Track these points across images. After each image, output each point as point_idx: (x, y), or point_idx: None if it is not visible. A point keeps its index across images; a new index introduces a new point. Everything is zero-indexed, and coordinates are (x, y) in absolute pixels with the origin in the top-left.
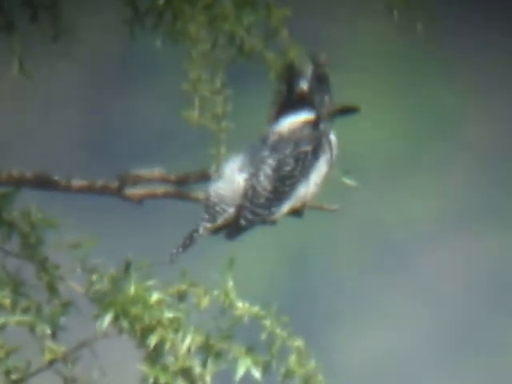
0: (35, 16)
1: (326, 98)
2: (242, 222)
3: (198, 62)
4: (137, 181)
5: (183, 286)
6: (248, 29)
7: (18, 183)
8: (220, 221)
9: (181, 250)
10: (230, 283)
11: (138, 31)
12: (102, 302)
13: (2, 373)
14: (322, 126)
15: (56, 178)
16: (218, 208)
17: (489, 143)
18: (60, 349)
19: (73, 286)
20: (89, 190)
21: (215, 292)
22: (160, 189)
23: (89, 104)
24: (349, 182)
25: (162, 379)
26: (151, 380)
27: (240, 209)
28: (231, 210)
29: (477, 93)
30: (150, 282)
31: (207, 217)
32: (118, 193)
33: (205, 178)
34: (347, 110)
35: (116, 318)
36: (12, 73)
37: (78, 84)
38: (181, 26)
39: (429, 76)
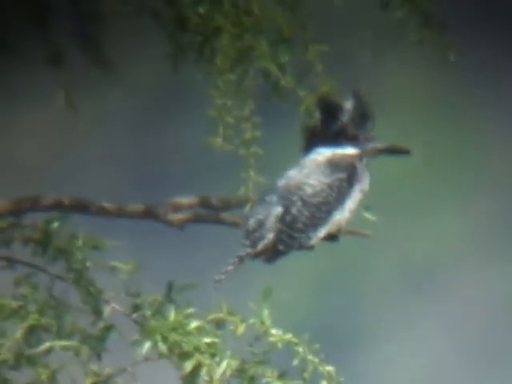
0: (83, 48)
1: (371, 135)
2: (281, 247)
3: (224, 91)
4: (178, 207)
5: (221, 314)
6: (282, 67)
7: (59, 209)
8: (260, 246)
9: (223, 277)
10: (266, 312)
11: (180, 64)
12: (144, 326)
13: None
14: (362, 160)
15: (99, 203)
16: (258, 234)
17: None
18: (102, 372)
19: (117, 309)
20: (132, 215)
21: (251, 320)
22: (200, 214)
23: (130, 132)
24: (369, 216)
25: None
26: None
27: (279, 234)
28: (270, 236)
29: (503, 127)
30: (190, 310)
31: (248, 243)
32: (160, 218)
33: (243, 204)
34: (396, 151)
35: (156, 344)
36: (58, 103)
37: (120, 113)
38: (218, 61)
39: (455, 110)
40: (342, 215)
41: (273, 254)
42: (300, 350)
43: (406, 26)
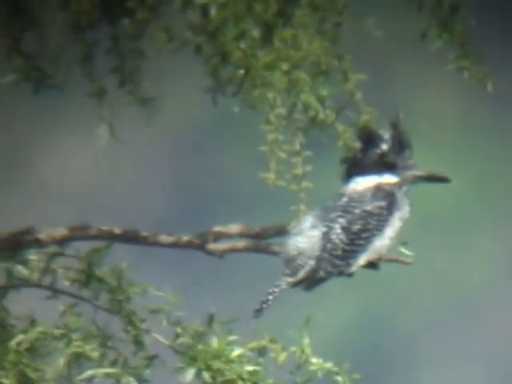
0: (123, 82)
1: (410, 163)
2: (321, 273)
3: (275, 125)
4: (218, 236)
5: (263, 342)
6: (322, 99)
7: (108, 238)
8: (301, 274)
9: (265, 306)
10: (306, 340)
11: (219, 98)
12: (186, 354)
13: None
14: (402, 188)
15: (144, 233)
16: (298, 261)
17: None
18: None
19: (158, 338)
20: (175, 246)
21: (292, 348)
22: (240, 243)
23: (172, 165)
24: (405, 252)
25: None
26: None
27: (319, 261)
28: (311, 263)
29: None
30: (232, 337)
31: (288, 271)
32: (201, 248)
33: (282, 232)
34: (436, 179)
35: (199, 372)
36: (101, 137)
37: (160, 148)
38: (259, 93)
39: (489, 139)
40: (381, 242)
41: (312, 281)
42: (340, 379)
43: (444, 56)
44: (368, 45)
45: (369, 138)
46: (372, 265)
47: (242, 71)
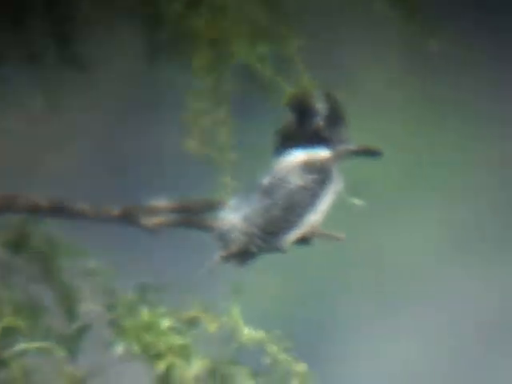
0: (57, 47)
1: (344, 137)
2: (253, 249)
3: (204, 95)
4: (149, 211)
5: (193, 313)
6: (261, 59)
7: (34, 210)
8: (233, 249)
9: (198, 279)
10: (237, 310)
11: (155, 62)
12: (117, 327)
13: None
14: (336, 162)
15: (70, 205)
16: (230, 236)
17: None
18: (76, 373)
19: (91, 310)
20: (104, 219)
21: (223, 318)
22: (173, 218)
23: (102, 134)
24: (357, 201)
25: None
26: None
27: (251, 237)
28: (243, 238)
29: (482, 129)
30: (163, 309)
31: (221, 245)
32: (133, 222)
33: (213, 207)
34: (369, 153)
35: (129, 344)
36: (32, 102)
37: (91, 112)
38: (193, 61)
39: (432, 113)
40: (314, 218)
41: (244, 256)
42: (271, 348)
43: (388, 19)
44: (308, 13)
45: (303, 111)
46: (305, 240)
47: (176, 36)
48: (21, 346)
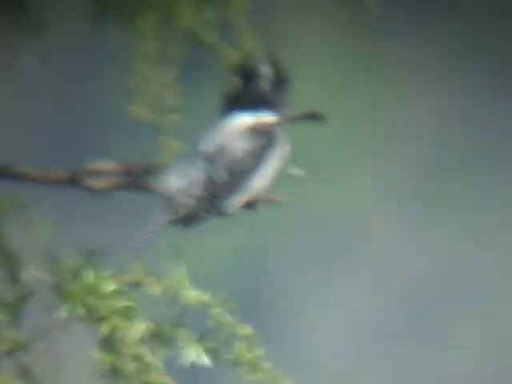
0: (2, 7)
1: (287, 101)
2: (200, 213)
3: (150, 59)
4: (93, 172)
5: (137, 275)
6: (206, 24)
7: None
8: (181, 213)
9: (144, 242)
10: (181, 273)
11: (100, 24)
12: (61, 290)
13: None
14: (282, 126)
15: (14, 167)
16: (179, 200)
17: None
18: (19, 338)
19: (35, 274)
20: (48, 181)
21: (167, 280)
22: (118, 180)
23: (49, 96)
24: (296, 172)
25: (116, 365)
26: (106, 366)
27: (197, 200)
28: (190, 202)
29: (423, 87)
30: (107, 272)
31: (169, 209)
32: (76, 184)
33: (156, 170)
34: (312, 117)
35: (74, 308)
36: None
37: (39, 75)
38: (138, 24)
39: (371, 75)
40: (261, 182)
41: (191, 220)
42: (216, 311)
43: None
44: None
45: (248, 74)
46: (250, 205)
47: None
48: None
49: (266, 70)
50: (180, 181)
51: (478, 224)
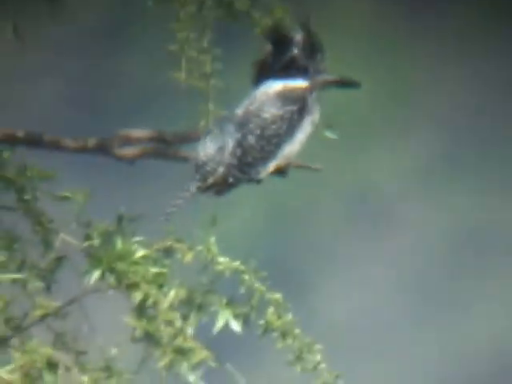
0: None
1: (321, 67)
2: (231, 179)
3: (186, 23)
4: (125, 140)
5: (168, 242)
6: None
7: (10, 142)
8: (210, 180)
9: (174, 209)
10: (212, 239)
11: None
12: (92, 256)
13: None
14: (313, 92)
15: (47, 137)
16: (208, 167)
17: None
18: (51, 304)
19: (68, 240)
20: (80, 150)
21: (198, 247)
22: (149, 148)
23: (82, 63)
24: (331, 135)
25: (149, 331)
26: (138, 332)
27: (228, 167)
28: (221, 169)
29: (443, 62)
30: (137, 238)
31: (198, 176)
32: (109, 152)
33: (191, 138)
34: (347, 84)
35: (103, 274)
36: (3, 35)
37: (67, 44)
38: None
39: (406, 37)
40: (291, 148)
41: (222, 187)
42: (246, 277)
43: None
44: None
45: (280, 41)
46: (280, 171)
47: None
48: None
49: (298, 36)
50: (209, 147)
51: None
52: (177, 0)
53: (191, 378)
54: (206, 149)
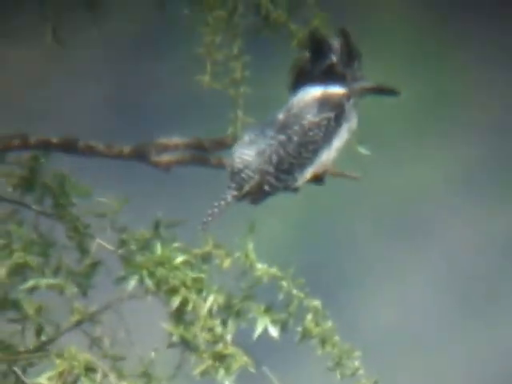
0: None
1: (359, 74)
2: (267, 187)
3: (214, 28)
4: (162, 148)
5: (207, 248)
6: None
7: (46, 148)
8: (246, 188)
9: (211, 218)
10: (251, 246)
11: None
12: (130, 261)
13: (33, 330)
14: (350, 99)
15: (82, 142)
16: (243, 175)
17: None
18: (87, 310)
19: (103, 244)
20: (115, 156)
21: (237, 254)
22: (185, 155)
23: (117, 69)
24: (363, 151)
25: (186, 337)
26: (176, 338)
27: (265, 175)
28: (256, 177)
29: (489, 68)
30: (176, 244)
31: (234, 184)
32: (144, 159)
33: (225, 144)
34: (384, 91)
35: (142, 280)
36: (43, 40)
37: (104, 50)
38: None
39: (444, 48)
40: (328, 155)
41: (258, 195)
42: (285, 284)
43: None
44: None
45: (318, 48)
46: (318, 179)
47: None
48: (31, 282)
49: (336, 44)
50: (245, 154)
51: None
52: (207, 4)
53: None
54: (242, 156)
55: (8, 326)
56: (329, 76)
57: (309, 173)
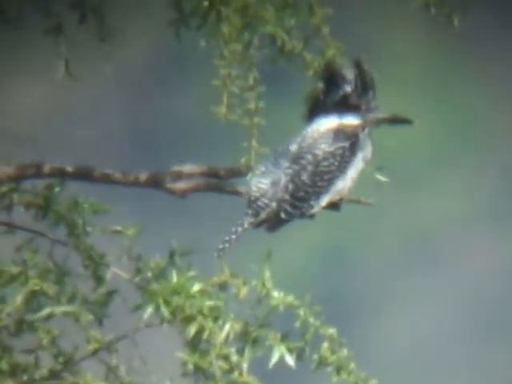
0: (83, 18)
1: (373, 105)
2: (283, 215)
3: (229, 60)
4: (177, 176)
5: (224, 277)
6: (289, 31)
7: (61, 176)
8: (263, 215)
9: (227, 245)
10: (267, 274)
11: (183, 32)
12: (145, 290)
13: (48, 357)
14: (365, 129)
15: (97, 171)
16: (260, 203)
17: None
18: (104, 338)
19: (119, 273)
20: (131, 184)
21: (253, 282)
22: (200, 183)
23: (131, 101)
24: (381, 178)
25: (202, 366)
26: (191, 367)
27: (281, 203)
28: (273, 204)
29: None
30: (192, 273)
31: (250, 212)
32: (161, 187)
33: (240, 172)
34: (399, 121)
35: (158, 308)
36: (57, 74)
37: (119, 83)
38: (220, 28)
39: (462, 78)
40: (344, 184)
41: (275, 222)
42: (301, 312)
43: None
44: None
45: (332, 79)
46: (333, 206)
47: (205, 3)
48: (47, 310)
49: (350, 74)
50: (262, 183)
51: None
52: (223, 38)
53: None
54: (259, 184)
55: (23, 351)
56: (343, 106)
57: (324, 201)
